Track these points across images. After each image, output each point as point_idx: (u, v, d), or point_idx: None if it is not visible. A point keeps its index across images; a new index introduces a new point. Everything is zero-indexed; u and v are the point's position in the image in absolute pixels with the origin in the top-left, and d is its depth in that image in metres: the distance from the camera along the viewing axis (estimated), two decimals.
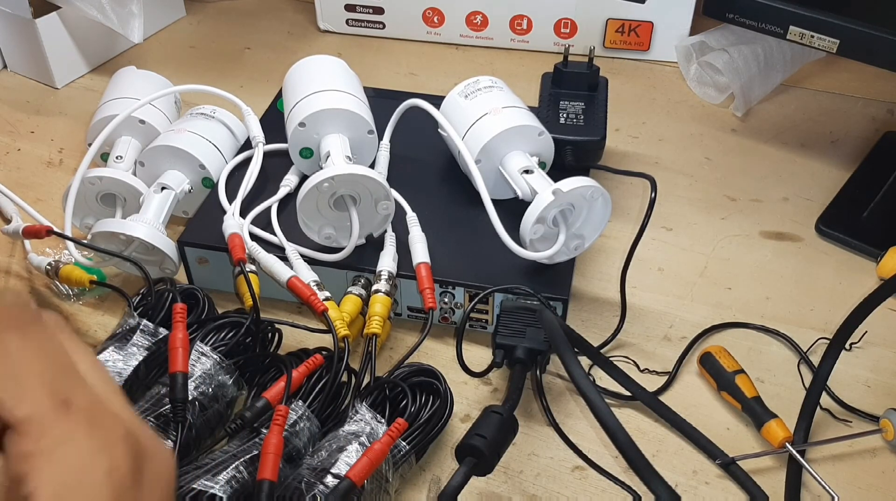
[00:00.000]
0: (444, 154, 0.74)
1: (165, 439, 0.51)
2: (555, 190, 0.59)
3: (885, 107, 0.92)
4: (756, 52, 0.90)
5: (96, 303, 0.69)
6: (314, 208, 0.62)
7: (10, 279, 0.71)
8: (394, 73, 1.00)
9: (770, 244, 0.74)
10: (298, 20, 1.12)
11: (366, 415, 0.52)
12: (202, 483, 0.47)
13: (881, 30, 0.68)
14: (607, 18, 0.98)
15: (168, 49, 1.06)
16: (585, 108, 0.76)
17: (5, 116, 0.93)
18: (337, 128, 0.68)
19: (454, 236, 0.66)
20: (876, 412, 0.59)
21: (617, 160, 0.84)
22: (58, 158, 0.86)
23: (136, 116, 0.74)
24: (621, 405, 0.60)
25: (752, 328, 0.66)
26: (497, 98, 0.69)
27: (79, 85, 0.98)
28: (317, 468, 0.49)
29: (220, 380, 0.55)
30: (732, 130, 0.89)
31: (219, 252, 0.65)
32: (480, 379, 0.62)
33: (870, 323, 0.55)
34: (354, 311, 0.61)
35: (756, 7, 0.74)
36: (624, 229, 0.75)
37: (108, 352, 0.56)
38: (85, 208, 0.71)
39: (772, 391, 0.60)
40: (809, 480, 0.55)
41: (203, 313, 0.60)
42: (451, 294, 0.63)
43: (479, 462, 0.50)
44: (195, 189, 0.71)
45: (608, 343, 0.64)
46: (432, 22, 1.04)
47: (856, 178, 0.80)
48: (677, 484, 0.55)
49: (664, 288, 0.70)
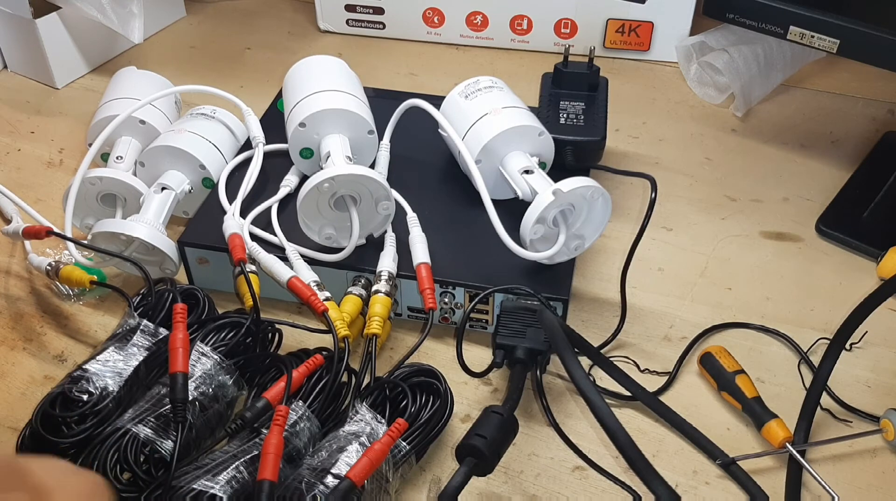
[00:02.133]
0: (444, 154, 0.74)
1: (165, 439, 0.51)
2: (555, 190, 0.59)
3: (885, 107, 0.92)
4: (756, 53, 0.90)
5: (96, 303, 0.69)
6: (314, 209, 0.62)
7: (10, 279, 0.71)
8: (394, 73, 1.00)
9: (770, 244, 0.74)
10: (298, 20, 1.12)
11: (366, 415, 0.52)
12: (202, 484, 0.47)
13: (881, 30, 0.68)
14: (607, 18, 0.98)
15: (168, 49, 1.06)
16: (585, 108, 0.76)
17: (5, 117, 0.93)
18: (337, 128, 0.68)
19: (454, 237, 0.66)
20: (876, 412, 0.59)
21: (617, 160, 0.84)
22: (58, 159, 0.86)
23: (136, 117, 0.74)
24: (621, 405, 0.60)
25: (753, 328, 0.66)
26: (497, 98, 0.69)
27: (79, 85, 0.98)
28: (317, 468, 0.49)
29: (220, 380, 0.55)
30: (732, 130, 0.89)
31: (219, 252, 0.65)
32: (480, 379, 0.62)
33: (870, 323, 0.55)
34: (354, 311, 0.61)
35: (756, 7, 0.74)
36: (624, 229, 0.75)
37: (109, 352, 0.56)
38: (85, 208, 0.71)
39: (772, 392, 0.60)
40: (810, 480, 0.55)
41: (203, 313, 0.60)
42: (451, 294, 0.63)
43: (480, 463, 0.50)
44: (195, 189, 0.71)
45: (608, 343, 0.64)
46: (432, 22, 1.04)
47: (856, 178, 0.80)
48: (677, 484, 0.55)
49: (664, 288, 0.70)
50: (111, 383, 0.54)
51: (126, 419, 0.52)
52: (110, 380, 0.54)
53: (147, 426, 0.51)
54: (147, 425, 0.51)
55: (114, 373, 0.55)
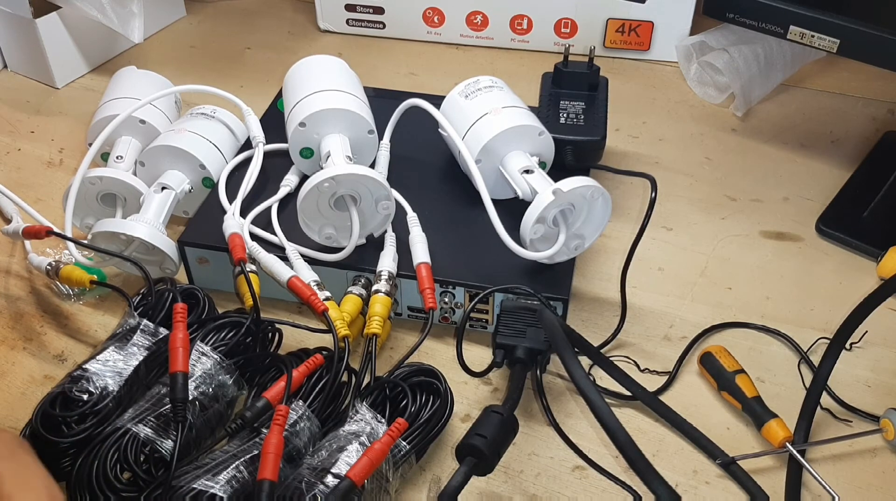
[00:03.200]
0: (444, 154, 0.74)
1: (165, 438, 0.51)
2: (555, 190, 0.59)
3: (885, 107, 0.92)
4: (756, 52, 0.90)
5: (97, 303, 0.69)
6: (315, 208, 0.62)
7: (10, 279, 0.71)
8: (394, 73, 1.00)
9: (770, 244, 0.74)
10: (298, 20, 1.12)
11: (366, 415, 0.52)
12: (202, 483, 0.47)
13: (881, 30, 0.68)
14: (607, 18, 0.98)
15: (168, 49, 1.06)
16: (586, 108, 0.76)
17: (5, 116, 0.93)
18: (337, 128, 0.68)
19: (454, 236, 0.66)
20: (876, 411, 0.59)
21: (617, 160, 0.84)
22: (58, 158, 0.86)
23: (136, 116, 0.74)
24: (621, 405, 0.60)
25: (753, 328, 0.66)
26: (497, 98, 0.69)
27: (79, 85, 0.98)
28: (317, 468, 0.49)
29: (220, 380, 0.55)
30: (732, 129, 0.89)
31: (219, 252, 0.65)
32: (480, 379, 0.62)
33: (870, 323, 0.55)
34: (355, 311, 0.61)
35: (756, 7, 0.74)
36: (624, 229, 0.75)
37: (109, 352, 0.56)
38: (85, 208, 0.71)
39: (772, 391, 0.60)
40: (810, 480, 0.55)
41: (203, 313, 0.60)
42: (451, 294, 0.63)
43: (480, 462, 0.50)
44: (195, 189, 0.71)
45: (608, 343, 0.64)
46: (432, 22, 1.04)
47: (856, 178, 0.80)
48: (677, 484, 0.55)
49: (664, 288, 0.70)
50: (111, 382, 0.54)
51: (126, 418, 0.52)
52: (110, 380, 0.54)
53: (147, 426, 0.51)
54: (147, 424, 0.51)
55: (114, 373, 0.55)
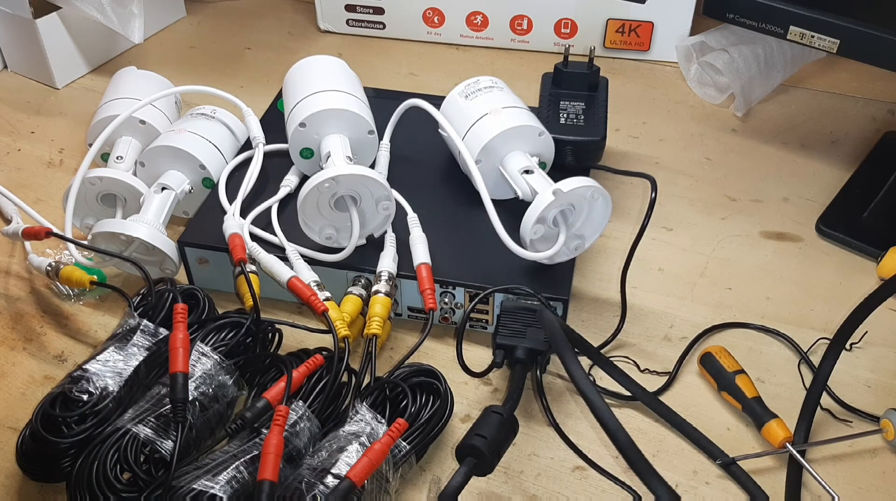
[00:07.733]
0: (444, 154, 0.74)
1: (166, 439, 0.51)
2: (555, 190, 0.59)
3: (885, 107, 0.92)
4: (756, 53, 0.90)
5: (97, 303, 0.69)
6: (315, 209, 0.62)
7: (10, 280, 0.71)
8: (394, 73, 1.00)
9: (770, 244, 0.74)
10: (298, 20, 1.12)
11: (366, 415, 0.52)
12: (202, 484, 0.47)
13: (881, 30, 0.68)
14: (607, 18, 0.98)
15: (168, 49, 1.06)
16: (586, 108, 0.76)
17: (5, 117, 0.93)
18: (337, 128, 0.68)
19: (454, 237, 0.66)
20: (876, 412, 0.59)
21: (617, 160, 0.84)
22: (58, 159, 0.86)
23: (136, 117, 0.74)
24: (621, 405, 0.60)
25: (753, 328, 0.66)
26: (497, 98, 0.69)
27: (79, 85, 0.98)
28: (317, 468, 0.49)
29: (220, 380, 0.55)
30: (733, 130, 0.89)
31: (219, 252, 0.65)
32: (480, 379, 0.62)
33: (870, 323, 0.55)
34: (355, 311, 0.61)
35: (756, 7, 0.74)
36: (624, 229, 0.75)
37: (109, 352, 0.56)
38: (85, 208, 0.71)
39: (772, 391, 0.60)
40: (810, 480, 0.55)
41: (203, 313, 0.60)
42: (451, 294, 0.63)
43: (480, 462, 0.50)
44: (195, 189, 0.71)
45: (608, 343, 0.64)
46: (432, 22, 1.04)
47: (856, 178, 0.80)
48: (677, 484, 0.55)
49: (664, 288, 0.70)
50: (111, 383, 0.54)
51: (126, 419, 0.52)
52: (110, 380, 0.54)
53: (147, 426, 0.51)
54: (147, 425, 0.51)
55: (114, 373, 0.55)
